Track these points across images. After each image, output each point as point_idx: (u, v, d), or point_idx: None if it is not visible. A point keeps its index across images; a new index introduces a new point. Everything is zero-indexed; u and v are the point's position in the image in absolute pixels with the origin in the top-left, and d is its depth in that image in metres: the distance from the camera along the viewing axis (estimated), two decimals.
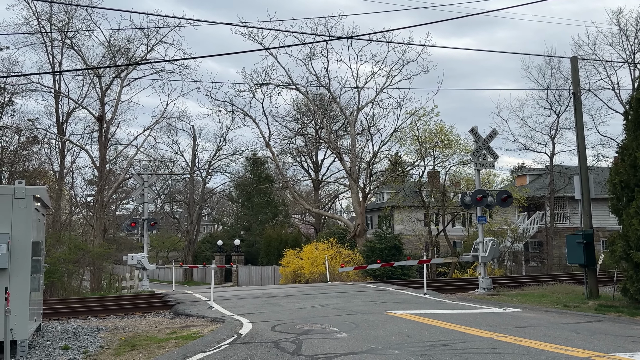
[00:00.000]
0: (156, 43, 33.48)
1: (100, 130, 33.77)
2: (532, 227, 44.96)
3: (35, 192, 9.65)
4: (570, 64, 17.69)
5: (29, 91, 32.88)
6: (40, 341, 10.63)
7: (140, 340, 10.72)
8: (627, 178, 13.47)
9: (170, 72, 34.69)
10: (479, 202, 17.84)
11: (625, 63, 35.43)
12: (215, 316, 13.07)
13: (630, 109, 13.98)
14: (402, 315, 12.15)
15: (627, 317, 12.08)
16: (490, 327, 10.37)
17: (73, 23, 32.29)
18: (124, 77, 34.37)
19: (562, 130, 39.08)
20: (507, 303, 14.63)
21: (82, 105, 34.73)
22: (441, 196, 37.79)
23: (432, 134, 35.44)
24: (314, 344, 8.99)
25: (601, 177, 33.84)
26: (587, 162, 16.82)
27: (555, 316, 12.04)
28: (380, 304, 14.39)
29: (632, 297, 13.18)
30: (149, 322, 13.59)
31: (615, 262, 13.91)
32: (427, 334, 9.71)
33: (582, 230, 16.04)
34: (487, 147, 18.44)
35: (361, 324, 10.99)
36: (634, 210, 12.97)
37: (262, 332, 10.38)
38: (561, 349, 8.19)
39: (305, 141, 46.37)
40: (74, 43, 32.89)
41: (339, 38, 29.32)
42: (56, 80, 33.73)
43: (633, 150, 13.32)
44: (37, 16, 31.36)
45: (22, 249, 9.25)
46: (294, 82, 35.75)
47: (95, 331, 12.11)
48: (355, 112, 36.59)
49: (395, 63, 34.65)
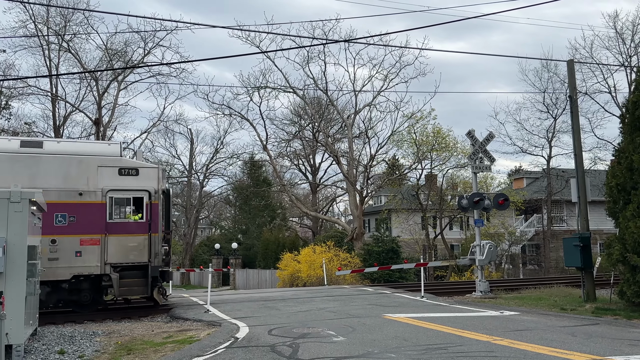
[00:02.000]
0: (153, 46, 33.53)
1: (97, 134, 33.72)
2: (530, 230, 45.02)
3: (31, 195, 9.62)
4: (567, 68, 17.74)
5: (25, 94, 32.89)
6: (36, 345, 10.58)
7: (136, 344, 10.69)
8: (623, 181, 13.49)
9: (168, 75, 34.73)
10: (476, 205, 17.86)
11: (622, 66, 35.59)
12: (212, 320, 13.04)
13: (626, 112, 14.01)
14: (399, 318, 12.14)
15: (624, 320, 12.09)
16: (487, 330, 10.36)
17: (70, 26, 32.33)
18: (121, 80, 34.36)
19: (559, 134, 39.25)
20: (504, 306, 14.63)
21: (79, 108, 34.72)
22: (438, 199, 37.85)
23: (429, 137, 35.52)
24: (310, 347, 8.97)
25: (598, 180, 33.98)
26: (584, 165, 16.86)
27: (552, 319, 12.04)
28: (377, 308, 14.38)
29: (629, 300, 13.19)
30: (146, 326, 13.55)
31: (612, 265, 13.92)
32: (424, 337, 9.70)
33: (579, 233, 16.05)
34: (484, 151, 18.47)
35: (358, 327, 10.97)
36: (630, 213, 12.99)
37: (259, 336, 10.36)
38: (558, 352, 8.19)
39: (302, 144, 46.36)
40: (70, 46, 32.89)
41: (337, 41, 29.36)
42: (53, 84, 33.71)
43: (629, 153, 13.34)
44: (34, 19, 31.36)
45: (18, 253, 9.22)
46: (291, 86, 35.81)
47: (92, 335, 12.07)
48: (352, 115, 36.64)
49: (393, 66, 34.74)
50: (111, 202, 15.22)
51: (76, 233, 14.69)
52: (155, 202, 15.57)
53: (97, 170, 15.14)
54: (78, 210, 14.75)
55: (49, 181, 14.52)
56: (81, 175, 14.99)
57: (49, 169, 14.70)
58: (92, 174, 15.08)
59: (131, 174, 15.50)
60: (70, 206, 14.68)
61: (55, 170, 14.77)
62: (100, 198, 15.04)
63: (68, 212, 14.65)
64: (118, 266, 15.13)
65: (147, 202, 15.54)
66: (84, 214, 14.80)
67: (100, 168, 15.18)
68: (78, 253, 14.69)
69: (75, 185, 14.88)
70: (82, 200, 14.83)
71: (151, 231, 15.49)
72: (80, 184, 14.94)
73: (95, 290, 15.24)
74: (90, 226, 14.83)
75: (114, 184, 15.23)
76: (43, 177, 14.53)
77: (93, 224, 14.87)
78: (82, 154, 15.32)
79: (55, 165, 14.80)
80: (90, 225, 14.84)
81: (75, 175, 14.93)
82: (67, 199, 14.72)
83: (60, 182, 14.73)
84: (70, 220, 14.68)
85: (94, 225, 14.88)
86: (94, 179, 15.07)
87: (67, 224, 14.64)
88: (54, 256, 14.35)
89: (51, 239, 14.29)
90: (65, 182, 14.80)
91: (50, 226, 14.03)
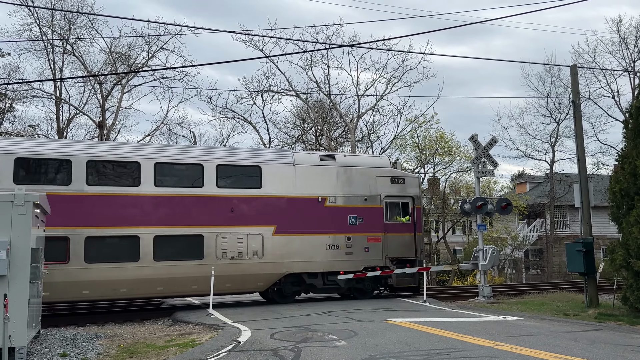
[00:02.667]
0: (157, 50, 33.55)
1: (100, 137, 33.78)
2: (532, 235, 44.90)
3: (35, 198, 9.65)
4: (570, 73, 17.72)
5: (29, 97, 32.92)
6: (38, 348, 10.60)
7: (139, 347, 10.70)
8: (627, 186, 13.47)
9: (171, 78, 34.73)
10: (478, 210, 17.84)
11: (625, 71, 35.52)
12: (214, 323, 13.04)
13: (630, 117, 14.01)
14: (402, 323, 12.13)
15: (627, 325, 12.05)
16: (489, 335, 10.34)
17: (74, 30, 32.38)
18: (124, 83, 34.44)
19: (562, 138, 39.21)
20: (507, 311, 14.60)
21: (82, 111, 34.78)
22: (441, 203, 37.78)
23: (432, 141, 35.51)
24: (312, 352, 8.96)
25: (601, 185, 33.88)
26: (587, 170, 16.82)
27: (555, 325, 12.01)
28: (379, 312, 14.36)
29: (632, 306, 13.15)
30: (148, 329, 13.57)
31: (615, 271, 13.88)
32: (427, 342, 9.68)
33: (582, 238, 16.02)
34: (487, 155, 18.46)
35: (360, 332, 10.96)
36: (634, 218, 12.96)
37: (261, 339, 10.35)
38: (561, 357, 8.17)
39: (305, 148, 46.35)
40: (75, 50, 32.97)
41: (340, 46, 29.43)
42: (57, 87, 33.79)
43: (633, 159, 13.33)
44: (38, 23, 31.44)
45: (21, 255, 9.24)
46: (294, 89, 35.86)
47: (94, 338, 12.08)
48: (355, 119, 36.65)
49: (396, 70, 34.73)
50: (386, 206, 18.39)
51: (364, 232, 17.91)
52: (417, 206, 18.92)
53: (376, 179, 18.44)
54: (364, 212, 18.00)
55: (343, 188, 17.90)
56: (365, 184, 18.21)
57: (341, 178, 17.98)
58: (372, 183, 18.36)
59: (399, 182, 18.83)
60: (359, 209, 17.96)
61: (346, 179, 18.01)
62: (379, 202, 18.27)
63: (357, 215, 17.93)
64: (394, 260, 18.16)
65: (411, 206, 18.73)
66: (369, 216, 18.03)
67: (378, 177, 18.48)
68: (366, 248, 17.87)
69: (362, 192, 18.11)
70: (366, 205, 18.09)
71: (416, 231, 18.70)
72: (365, 190, 18.18)
73: (375, 280, 18.15)
74: (373, 226, 18.00)
75: (388, 191, 18.51)
76: (337, 184, 17.82)
77: (375, 224, 18.05)
78: (364, 165, 18.56)
79: (346, 175, 18.05)
80: (374, 225, 18.01)
81: (360, 184, 18.16)
82: (356, 203, 17.98)
83: (351, 189, 18.00)
84: (359, 221, 17.91)
85: (376, 226, 18.05)
86: (374, 187, 18.33)
87: (357, 224, 17.86)
88: (349, 251, 17.62)
89: (347, 237, 17.63)
90: (354, 189, 18.05)
91: (345, 226, 17.64)
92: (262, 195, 16.88)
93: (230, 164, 17.00)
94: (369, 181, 18.27)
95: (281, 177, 17.20)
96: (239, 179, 17.03)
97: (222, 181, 16.64)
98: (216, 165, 16.63)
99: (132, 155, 16.07)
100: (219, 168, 16.66)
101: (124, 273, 15.15)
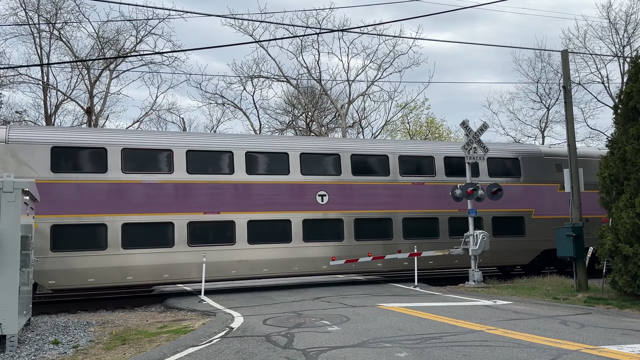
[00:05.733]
0: (145, 35, 33.17)
1: (89, 123, 33.46)
2: None
3: (24, 185, 9.55)
4: (561, 58, 17.71)
5: (16, 83, 32.49)
6: (29, 335, 10.56)
7: (131, 334, 10.68)
8: (616, 172, 13.55)
9: (160, 64, 34.39)
10: (469, 195, 17.92)
11: (615, 57, 35.61)
12: (206, 310, 13.05)
13: (619, 102, 14.05)
14: (394, 308, 12.19)
15: (616, 309, 12.19)
16: (480, 319, 10.43)
17: (61, 14, 31.90)
18: (113, 69, 34.06)
19: (552, 123, 39.35)
20: (497, 296, 14.72)
21: (70, 97, 34.39)
22: None
23: (423, 127, 35.61)
24: (305, 337, 8.99)
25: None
26: (577, 155, 16.90)
27: (545, 309, 12.13)
28: (371, 297, 14.43)
29: (621, 290, 13.30)
30: (140, 316, 13.55)
31: (605, 255, 14.00)
32: (418, 327, 9.74)
33: (571, 222, 16.14)
34: (478, 141, 18.49)
35: (352, 317, 11.01)
36: (623, 203, 13.06)
37: (254, 325, 10.37)
38: (551, 341, 8.25)
39: (296, 133, 46.25)
40: (62, 34, 32.51)
41: (331, 31, 29.19)
42: (44, 72, 33.36)
43: (622, 144, 13.39)
44: (24, 7, 30.93)
45: (11, 243, 9.17)
46: (284, 75, 35.66)
47: (86, 325, 12.06)
48: (346, 104, 36.57)
49: (387, 56, 34.66)
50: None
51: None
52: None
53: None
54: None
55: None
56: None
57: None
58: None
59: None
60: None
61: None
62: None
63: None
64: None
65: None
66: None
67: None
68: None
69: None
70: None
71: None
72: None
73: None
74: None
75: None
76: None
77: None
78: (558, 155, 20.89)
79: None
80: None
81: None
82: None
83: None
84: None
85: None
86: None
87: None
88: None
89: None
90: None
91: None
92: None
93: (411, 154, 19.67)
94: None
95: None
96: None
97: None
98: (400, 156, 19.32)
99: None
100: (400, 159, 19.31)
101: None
